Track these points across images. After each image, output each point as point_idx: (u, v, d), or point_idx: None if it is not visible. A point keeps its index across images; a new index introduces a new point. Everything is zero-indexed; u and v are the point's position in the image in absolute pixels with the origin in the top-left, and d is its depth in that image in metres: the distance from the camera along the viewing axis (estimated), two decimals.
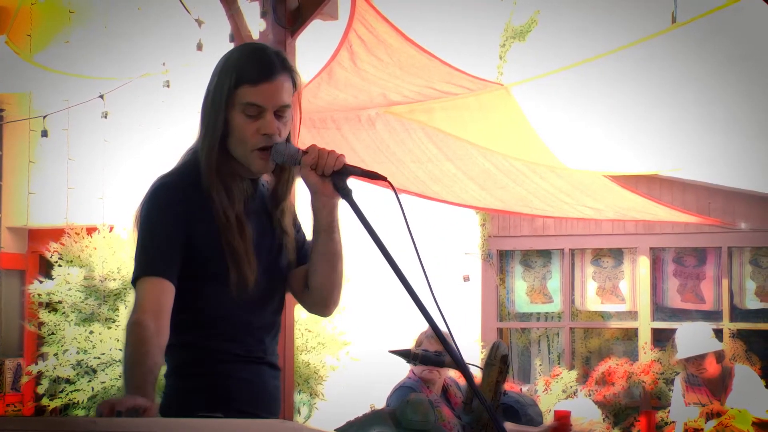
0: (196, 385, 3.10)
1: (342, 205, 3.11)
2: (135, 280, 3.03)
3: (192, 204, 3.09)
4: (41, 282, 9.89)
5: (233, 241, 3.07)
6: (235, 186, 3.13)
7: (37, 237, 11.31)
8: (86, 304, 9.72)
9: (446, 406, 6.12)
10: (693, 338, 7.94)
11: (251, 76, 3.08)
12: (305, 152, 3.05)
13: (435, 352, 5.99)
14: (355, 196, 3.04)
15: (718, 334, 9.45)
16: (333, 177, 3.03)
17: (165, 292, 2.99)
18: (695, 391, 7.90)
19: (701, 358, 7.82)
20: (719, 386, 7.82)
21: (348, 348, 10.15)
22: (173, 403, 3.10)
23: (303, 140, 3.29)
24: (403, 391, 6.10)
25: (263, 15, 6.45)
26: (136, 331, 2.90)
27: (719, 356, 7.90)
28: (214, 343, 3.11)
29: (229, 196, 3.10)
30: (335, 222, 3.14)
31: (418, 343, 6.28)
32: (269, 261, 3.19)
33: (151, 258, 3.04)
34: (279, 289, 3.26)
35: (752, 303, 10.03)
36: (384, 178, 2.99)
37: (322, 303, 3.29)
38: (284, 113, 3.11)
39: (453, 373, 6.63)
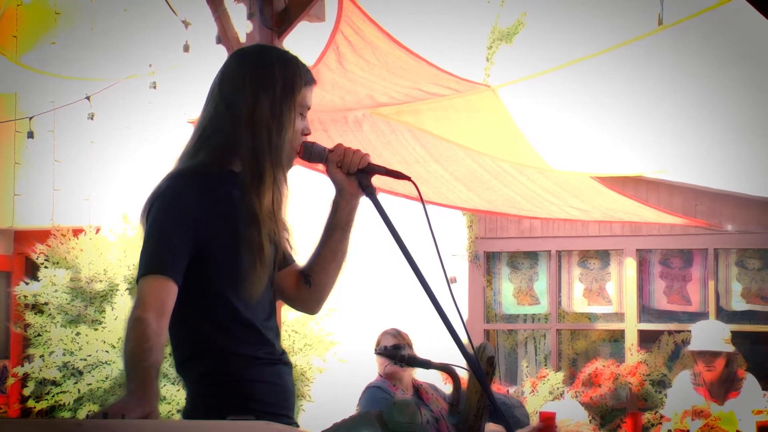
0: (224, 391, 3.10)
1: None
2: (139, 279, 3.00)
3: (212, 200, 3.08)
4: (27, 284, 9.88)
5: (261, 239, 3.08)
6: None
7: (23, 238, 11.28)
8: (72, 305, 9.70)
9: (421, 405, 6.15)
10: (709, 334, 7.88)
11: (311, 78, 3.22)
12: (331, 151, 3.18)
13: (393, 345, 6.07)
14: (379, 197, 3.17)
15: None
16: (358, 175, 3.16)
17: (169, 293, 2.98)
18: (697, 390, 7.87)
19: (714, 355, 7.76)
20: (720, 389, 7.79)
21: (335, 349, 10.14)
22: (200, 409, 3.10)
23: None
24: (370, 390, 6.15)
25: (250, 17, 6.44)
26: (139, 327, 2.88)
27: (729, 359, 7.85)
28: (238, 349, 3.11)
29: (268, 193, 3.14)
30: (353, 221, 3.24)
31: (378, 342, 6.34)
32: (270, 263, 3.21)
33: (159, 256, 3.00)
34: (272, 291, 3.27)
35: (738, 305, 10.05)
36: (408, 178, 3.11)
37: (318, 300, 3.35)
38: None
39: (439, 375, 6.64)
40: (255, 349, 3.13)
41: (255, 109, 3.12)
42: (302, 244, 3.38)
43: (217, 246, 3.06)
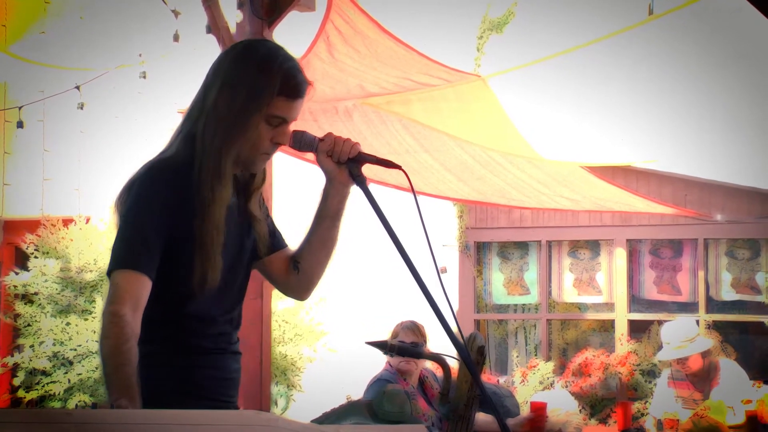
0: (166, 374, 3.10)
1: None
2: (112, 271, 2.97)
3: (183, 196, 3.06)
4: (17, 274, 9.86)
5: (211, 239, 3.06)
6: (230, 182, 3.14)
7: (12, 228, 11.25)
8: (62, 295, 9.69)
9: (422, 398, 6.14)
10: (679, 336, 7.86)
11: (291, 92, 3.09)
12: (321, 140, 3.16)
13: (411, 343, 6.02)
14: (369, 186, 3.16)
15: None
16: (348, 164, 3.15)
17: (144, 287, 2.96)
18: (678, 385, 7.90)
19: (685, 358, 7.79)
20: (703, 380, 7.81)
21: (325, 339, 10.15)
22: (143, 391, 3.09)
23: None
24: (380, 383, 6.11)
25: (240, 6, 6.43)
26: (118, 323, 2.86)
27: (704, 352, 7.85)
28: (183, 338, 3.12)
29: (226, 193, 3.10)
30: (343, 210, 3.24)
31: (395, 335, 6.31)
32: (234, 254, 3.19)
33: (134, 250, 2.99)
34: (242, 281, 3.27)
35: (728, 294, 10.07)
36: (398, 167, 3.11)
37: (307, 287, 3.36)
38: None
39: (430, 365, 6.64)
40: (202, 340, 3.14)
41: (217, 99, 3.08)
42: (293, 233, 3.38)
43: (179, 240, 3.05)
